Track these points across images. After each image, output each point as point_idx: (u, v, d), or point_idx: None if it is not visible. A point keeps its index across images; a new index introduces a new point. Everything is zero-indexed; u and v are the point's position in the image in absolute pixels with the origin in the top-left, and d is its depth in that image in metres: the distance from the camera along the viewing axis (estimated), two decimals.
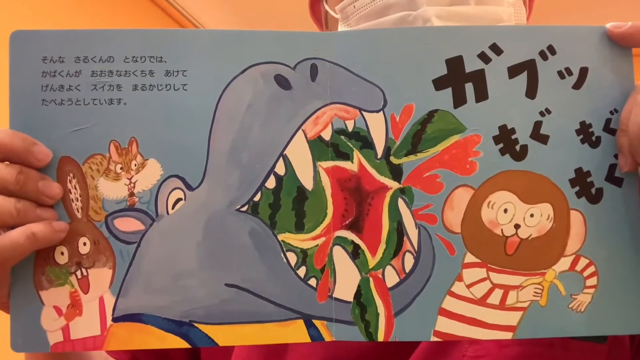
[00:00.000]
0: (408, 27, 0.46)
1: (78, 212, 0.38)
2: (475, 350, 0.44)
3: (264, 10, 2.33)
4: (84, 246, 0.38)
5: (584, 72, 0.39)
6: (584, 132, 0.39)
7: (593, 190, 0.39)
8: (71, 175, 0.38)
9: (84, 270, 0.38)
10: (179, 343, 0.38)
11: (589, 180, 0.39)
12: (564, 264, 0.39)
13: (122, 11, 1.99)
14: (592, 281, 0.39)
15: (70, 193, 0.38)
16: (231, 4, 2.36)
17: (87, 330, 0.38)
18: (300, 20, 0.62)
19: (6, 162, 0.36)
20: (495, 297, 0.39)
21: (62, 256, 0.38)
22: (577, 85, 0.39)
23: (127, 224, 0.38)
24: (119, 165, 0.38)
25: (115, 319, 0.38)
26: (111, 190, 0.38)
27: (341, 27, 0.55)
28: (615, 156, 0.39)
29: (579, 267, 0.39)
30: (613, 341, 0.44)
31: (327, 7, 0.58)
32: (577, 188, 0.39)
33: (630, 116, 0.37)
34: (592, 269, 0.39)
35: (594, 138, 0.39)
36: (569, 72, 0.39)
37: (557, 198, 0.39)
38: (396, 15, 0.50)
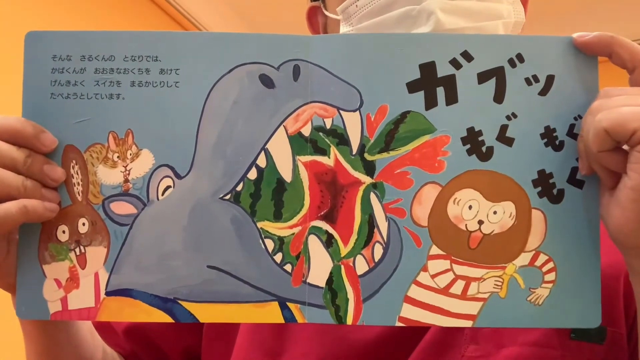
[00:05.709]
0: (385, 34, 0.48)
1: (79, 195, 0.42)
2: (473, 350, 0.46)
3: (266, 12, 2.39)
4: (83, 226, 0.42)
5: (550, 79, 0.42)
6: (548, 136, 0.41)
7: (555, 191, 0.41)
8: (74, 161, 0.42)
9: (82, 247, 0.42)
10: (164, 318, 0.42)
11: (551, 181, 0.41)
12: (524, 259, 0.41)
13: (127, 14, 2.04)
14: (551, 276, 0.41)
15: (73, 178, 0.42)
16: (234, 7, 2.43)
17: (83, 301, 0.42)
18: (302, 21, 0.64)
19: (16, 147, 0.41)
20: (457, 288, 0.41)
21: (63, 234, 0.42)
22: (544, 92, 0.42)
23: (122, 208, 0.42)
24: (116, 154, 0.42)
25: (107, 293, 0.42)
26: (108, 176, 0.42)
27: (342, 28, 0.56)
28: (577, 159, 0.41)
29: (538, 263, 0.41)
30: (610, 342, 0.45)
31: (326, 12, 0.60)
32: (539, 188, 0.41)
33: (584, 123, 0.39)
34: (550, 264, 0.41)
35: (557, 142, 0.41)
36: (535, 79, 0.42)
37: (520, 197, 0.41)
38: (400, 11, 0.51)
